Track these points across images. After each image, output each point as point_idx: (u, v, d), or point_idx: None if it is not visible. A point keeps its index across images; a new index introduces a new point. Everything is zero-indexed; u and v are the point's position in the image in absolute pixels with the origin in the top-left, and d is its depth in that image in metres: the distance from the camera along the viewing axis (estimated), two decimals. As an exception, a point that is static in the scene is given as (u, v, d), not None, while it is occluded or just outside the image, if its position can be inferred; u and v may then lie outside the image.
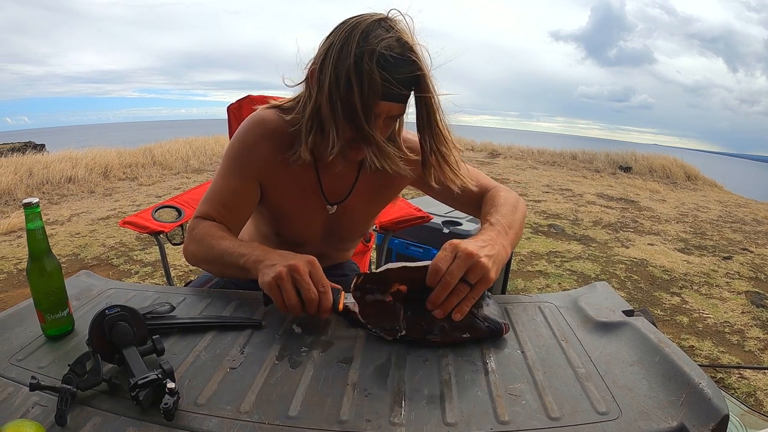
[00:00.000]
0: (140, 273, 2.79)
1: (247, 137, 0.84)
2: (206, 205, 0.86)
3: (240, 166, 0.85)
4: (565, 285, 2.72)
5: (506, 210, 0.80)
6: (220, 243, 0.78)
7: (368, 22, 0.69)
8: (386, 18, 0.71)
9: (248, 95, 1.34)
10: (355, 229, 1.01)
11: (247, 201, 0.87)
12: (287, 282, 0.65)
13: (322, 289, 0.66)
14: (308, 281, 0.65)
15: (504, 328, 0.65)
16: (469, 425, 0.49)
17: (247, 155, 0.84)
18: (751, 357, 2.00)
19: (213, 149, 7.82)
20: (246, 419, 0.49)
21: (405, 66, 0.69)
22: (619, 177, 7.36)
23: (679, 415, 0.49)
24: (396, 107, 0.73)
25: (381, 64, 0.67)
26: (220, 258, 0.78)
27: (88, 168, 5.80)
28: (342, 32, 0.70)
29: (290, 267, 0.65)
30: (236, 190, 0.85)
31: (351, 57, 0.68)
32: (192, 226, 0.85)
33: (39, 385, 0.50)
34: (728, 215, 5.06)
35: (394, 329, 0.65)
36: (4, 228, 3.64)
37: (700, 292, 2.69)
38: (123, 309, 0.58)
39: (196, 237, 0.83)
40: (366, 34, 0.68)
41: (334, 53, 0.70)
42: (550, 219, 4.27)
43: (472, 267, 0.64)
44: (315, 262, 0.68)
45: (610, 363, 0.59)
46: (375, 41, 0.68)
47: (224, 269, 0.80)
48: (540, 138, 22.55)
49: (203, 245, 0.81)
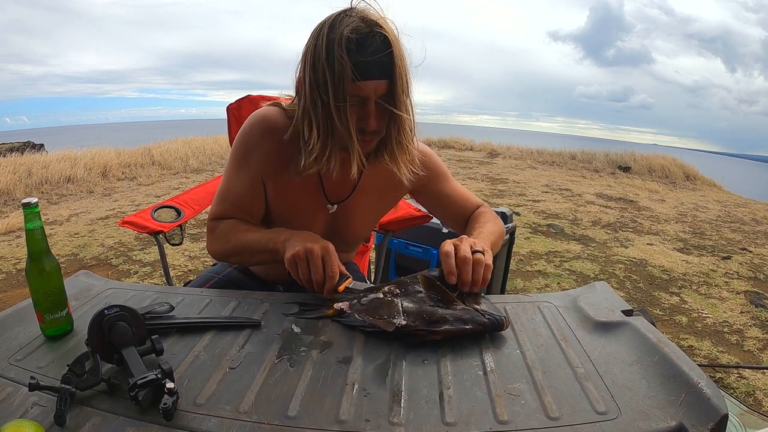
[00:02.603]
0: (139, 273, 2.79)
1: (250, 135, 0.86)
2: (219, 206, 0.91)
3: (245, 164, 0.87)
4: (564, 285, 2.72)
5: (488, 226, 0.90)
6: (247, 235, 0.85)
7: (333, 16, 0.72)
8: (350, 8, 0.73)
9: (248, 95, 1.34)
10: (357, 231, 1.01)
11: (255, 198, 0.90)
12: (303, 261, 0.74)
13: (330, 274, 0.74)
14: (318, 264, 0.74)
15: (504, 321, 0.66)
16: (469, 425, 0.49)
17: (251, 153, 0.86)
18: (750, 357, 2.00)
19: (212, 149, 7.81)
20: (245, 419, 0.49)
21: (373, 40, 0.71)
22: (619, 177, 7.37)
23: (678, 414, 0.50)
24: (381, 84, 0.73)
25: (349, 47, 0.70)
26: (248, 248, 0.84)
27: (87, 168, 5.80)
28: (313, 35, 0.74)
29: (306, 249, 0.74)
30: (245, 188, 0.88)
31: (323, 52, 0.71)
32: (211, 227, 0.91)
33: (38, 385, 0.50)
34: (727, 215, 5.06)
35: (393, 317, 0.65)
36: (3, 228, 3.64)
37: (699, 292, 2.69)
38: (122, 309, 0.58)
39: (219, 235, 0.89)
40: (332, 26, 0.71)
41: (308, 56, 0.74)
42: (549, 219, 4.28)
43: (473, 243, 0.75)
44: (330, 248, 0.76)
45: (610, 363, 0.59)
46: (339, 28, 0.70)
47: (253, 257, 0.87)
48: (539, 138, 22.57)
49: (229, 241, 0.87)
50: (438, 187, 0.98)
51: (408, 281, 0.75)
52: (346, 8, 0.73)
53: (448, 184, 0.99)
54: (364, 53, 0.70)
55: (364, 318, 0.68)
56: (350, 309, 0.71)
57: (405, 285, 0.74)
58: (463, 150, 9.96)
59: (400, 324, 0.64)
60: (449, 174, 1.01)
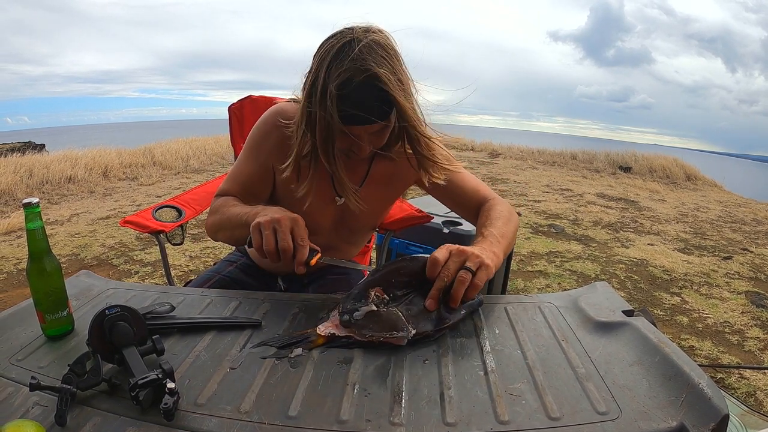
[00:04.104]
0: (140, 273, 2.79)
1: (264, 125, 0.90)
2: (226, 184, 0.94)
3: (256, 152, 0.91)
4: (565, 285, 2.72)
5: (500, 223, 0.86)
6: (231, 209, 0.86)
7: (334, 51, 0.72)
8: (353, 40, 0.72)
9: (249, 95, 1.34)
10: (366, 222, 1.02)
11: (262, 184, 0.93)
12: (268, 229, 0.72)
13: (301, 243, 0.72)
14: (286, 233, 0.72)
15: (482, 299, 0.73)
16: (469, 425, 0.49)
17: (262, 142, 0.90)
18: (751, 357, 2.00)
19: (213, 149, 7.82)
20: (246, 419, 0.49)
21: (368, 92, 0.71)
22: (619, 177, 7.36)
23: (679, 415, 0.49)
24: (374, 126, 0.76)
25: (342, 98, 0.71)
26: (229, 221, 0.85)
27: (88, 168, 5.80)
28: (316, 63, 0.74)
29: (274, 219, 0.73)
30: (252, 173, 0.92)
31: (318, 93, 0.73)
32: (212, 202, 0.93)
33: (39, 385, 0.50)
34: (728, 215, 5.05)
35: (401, 329, 0.64)
36: (4, 228, 3.64)
37: (700, 292, 2.69)
38: (123, 309, 0.58)
39: (213, 209, 0.91)
40: (330, 67, 0.71)
41: (308, 85, 0.75)
42: (550, 219, 4.27)
43: (468, 258, 0.70)
44: (299, 220, 0.75)
45: (610, 363, 0.59)
46: (335, 74, 0.71)
47: (233, 231, 0.86)
48: (540, 138, 22.56)
49: (218, 214, 0.88)
50: (447, 176, 0.96)
51: (393, 281, 0.71)
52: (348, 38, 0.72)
53: (456, 173, 0.98)
54: (355, 102, 0.71)
55: (370, 336, 0.63)
56: (342, 329, 0.65)
57: (390, 286, 0.70)
58: (463, 150, 9.96)
59: (411, 336, 0.63)
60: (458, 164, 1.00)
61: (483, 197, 0.97)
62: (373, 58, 0.71)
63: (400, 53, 0.77)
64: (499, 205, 0.93)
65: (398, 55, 0.76)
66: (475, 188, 0.98)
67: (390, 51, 0.74)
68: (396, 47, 0.76)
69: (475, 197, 0.97)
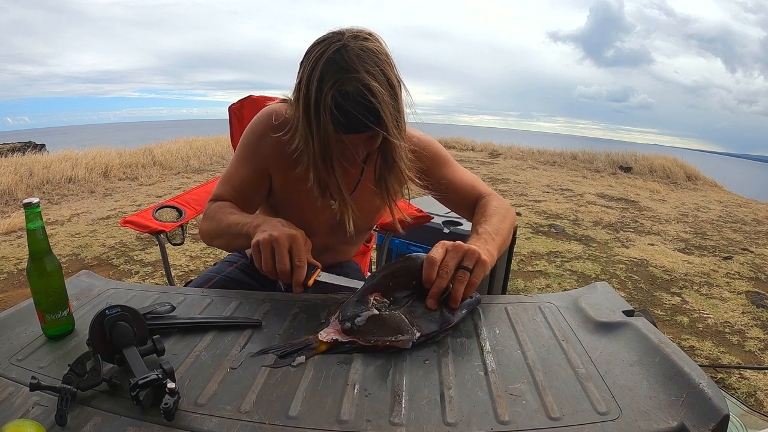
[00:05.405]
0: (140, 273, 2.79)
1: (257, 128, 0.89)
2: (220, 188, 0.93)
3: (250, 155, 0.90)
4: (565, 285, 2.72)
5: (495, 219, 0.85)
6: (229, 217, 0.84)
7: (324, 60, 0.71)
8: (343, 47, 0.71)
9: (249, 95, 1.34)
10: (362, 223, 1.01)
11: (256, 188, 0.92)
12: (266, 249, 0.72)
13: (299, 263, 0.72)
14: (283, 254, 0.71)
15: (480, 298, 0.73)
16: (470, 425, 0.49)
17: (256, 145, 0.89)
18: (751, 357, 2.00)
19: (213, 149, 7.82)
20: (246, 419, 0.49)
21: (361, 102, 0.70)
22: (620, 177, 7.36)
23: (680, 415, 0.49)
24: (364, 135, 0.75)
25: (337, 108, 0.70)
26: (228, 230, 0.83)
27: (88, 168, 5.80)
28: (305, 69, 0.73)
29: (272, 237, 0.72)
30: (245, 177, 0.91)
31: (312, 104, 0.72)
32: (206, 207, 0.92)
33: (39, 385, 0.50)
34: (728, 215, 5.05)
35: (405, 333, 0.63)
36: (5, 228, 3.64)
37: (700, 293, 2.69)
38: (123, 309, 0.58)
39: (208, 215, 0.89)
40: (322, 78, 0.71)
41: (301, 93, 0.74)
42: (550, 219, 4.27)
43: (465, 254, 0.69)
44: (298, 238, 0.73)
45: (611, 363, 0.59)
46: (328, 85, 0.70)
47: (231, 240, 0.85)
48: (540, 138, 22.55)
49: (214, 221, 0.87)
50: (440, 173, 0.96)
51: (391, 283, 0.70)
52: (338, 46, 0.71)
53: (450, 170, 0.98)
54: (347, 114, 0.71)
55: (375, 341, 0.62)
56: (344, 335, 0.64)
57: (389, 290, 0.70)
58: (464, 150, 9.96)
59: (416, 339, 0.62)
60: (452, 160, 1.00)
61: (479, 193, 0.97)
62: (365, 67, 0.70)
63: (391, 55, 0.75)
64: (494, 201, 0.93)
65: (390, 59, 0.75)
66: (471, 184, 0.98)
67: (381, 56, 0.73)
68: (387, 50, 0.75)
69: (471, 193, 0.97)
